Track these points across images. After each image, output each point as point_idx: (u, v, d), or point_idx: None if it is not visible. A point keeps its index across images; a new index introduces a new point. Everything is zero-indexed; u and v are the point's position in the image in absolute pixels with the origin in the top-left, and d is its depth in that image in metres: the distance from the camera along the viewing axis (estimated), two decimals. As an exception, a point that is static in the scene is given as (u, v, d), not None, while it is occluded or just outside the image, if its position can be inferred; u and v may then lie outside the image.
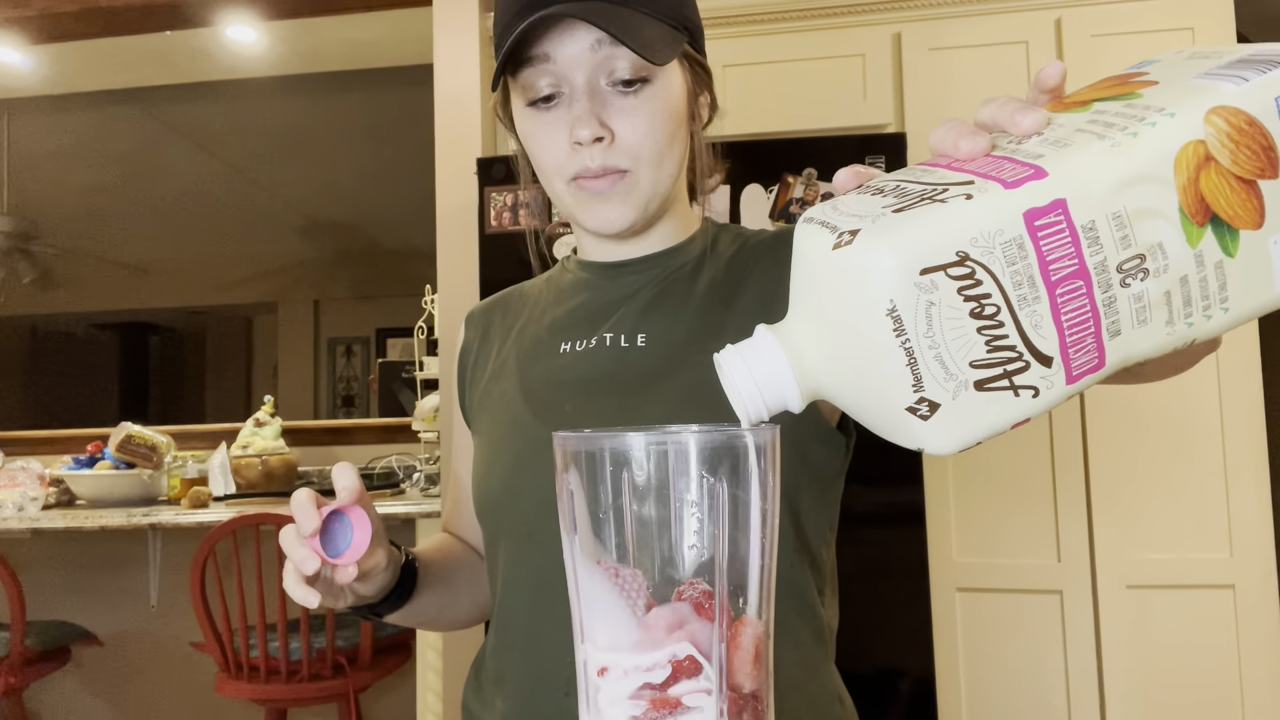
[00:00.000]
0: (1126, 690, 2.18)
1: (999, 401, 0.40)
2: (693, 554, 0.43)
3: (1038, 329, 0.39)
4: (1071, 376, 0.40)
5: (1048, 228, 0.38)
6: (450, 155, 2.60)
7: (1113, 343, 0.40)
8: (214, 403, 6.88)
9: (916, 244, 0.38)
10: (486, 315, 0.93)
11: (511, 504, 0.79)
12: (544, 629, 0.75)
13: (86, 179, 5.28)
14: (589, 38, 0.73)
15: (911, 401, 0.39)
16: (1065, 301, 0.39)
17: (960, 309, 0.38)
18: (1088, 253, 0.38)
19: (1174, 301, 0.40)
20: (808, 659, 0.77)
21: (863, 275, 0.39)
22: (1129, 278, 0.39)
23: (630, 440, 0.42)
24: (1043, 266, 0.38)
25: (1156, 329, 0.40)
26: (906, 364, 0.39)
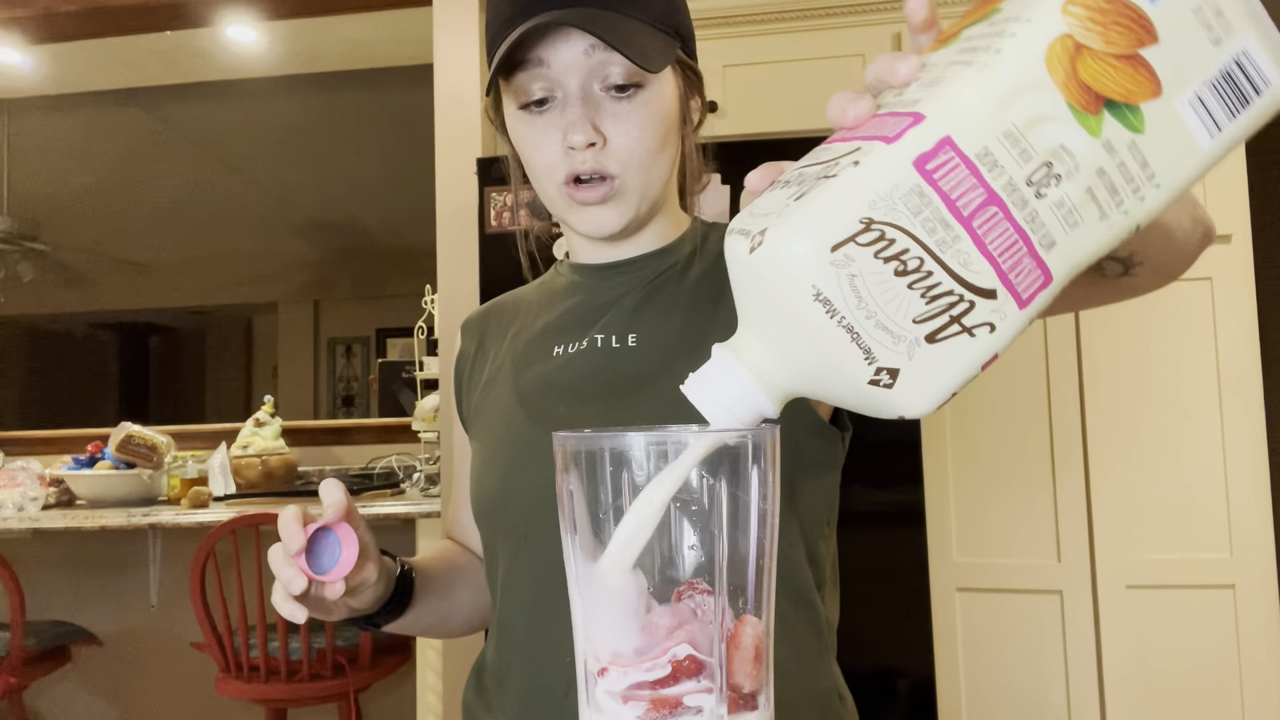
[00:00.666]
0: (1126, 690, 2.18)
1: (957, 347, 0.39)
2: (693, 554, 0.43)
3: (968, 266, 0.38)
4: (1023, 300, 0.39)
5: (941, 167, 0.38)
6: (450, 155, 2.60)
7: (1051, 254, 0.39)
8: (214, 403, 6.88)
9: (818, 224, 0.38)
10: (482, 322, 0.94)
11: (508, 507, 0.79)
12: (544, 630, 0.75)
13: (86, 179, 5.28)
14: (583, 43, 0.74)
15: (870, 375, 0.39)
16: (986, 231, 0.38)
17: (883, 272, 0.38)
18: (990, 178, 0.38)
19: (1099, 195, 0.39)
20: (806, 653, 0.77)
21: (780, 270, 0.39)
22: (1042, 188, 0.38)
23: (630, 440, 0.42)
24: (950, 205, 0.38)
25: (1092, 227, 0.39)
26: (851, 341, 0.39)
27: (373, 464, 2.94)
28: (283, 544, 0.65)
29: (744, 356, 0.43)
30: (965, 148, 0.38)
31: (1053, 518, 2.25)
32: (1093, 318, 2.25)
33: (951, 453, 2.31)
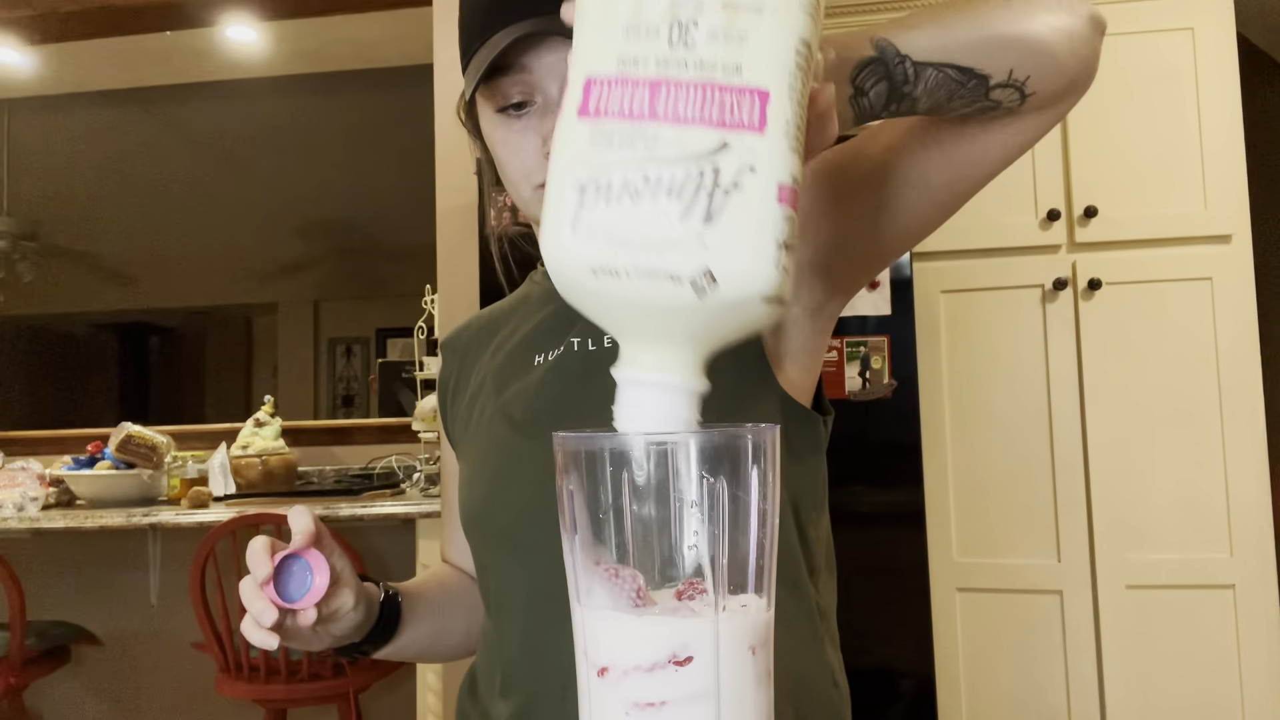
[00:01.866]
0: (1126, 690, 2.18)
1: (736, 206, 0.38)
2: (693, 554, 0.43)
3: (682, 144, 0.38)
4: (756, 125, 0.38)
5: (599, 102, 0.39)
6: (450, 155, 2.60)
7: (745, 74, 0.39)
8: (214, 403, 6.88)
9: (551, 220, 0.40)
10: (462, 340, 0.94)
11: (494, 516, 0.79)
12: (538, 635, 0.75)
13: (86, 179, 5.28)
14: (565, 47, 0.73)
15: (693, 292, 0.38)
16: (672, 108, 0.38)
17: (623, 209, 0.38)
18: (640, 71, 0.39)
19: (740, 1, 0.39)
20: (799, 638, 0.77)
21: (561, 275, 0.41)
22: (687, 38, 0.39)
23: (630, 440, 0.42)
24: (629, 116, 0.39)
25: (762, 26, 0.39)
26: (653, 279, 0.38)
27: (373, 464, 2.94)
28: (250, 574, 0.65)
29: (635, 363, 0.43)
30: (604, 72, 0.39)
31: (1053, 518, 2.25)
32: (1093, 318, 2.25)
33: (951, 453, 2.31)
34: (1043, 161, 2.29)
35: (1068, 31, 0.59)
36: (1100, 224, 2.25)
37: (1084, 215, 2.25)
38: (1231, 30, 2.25)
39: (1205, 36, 2.25)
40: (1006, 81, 0.58)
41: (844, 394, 2.13)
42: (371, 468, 2.93)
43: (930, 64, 0.55)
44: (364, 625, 0.75)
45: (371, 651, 0.79)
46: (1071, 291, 2.27)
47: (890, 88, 0.54)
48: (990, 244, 2.31)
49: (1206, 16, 2.25)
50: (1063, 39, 0.59)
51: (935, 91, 0.56)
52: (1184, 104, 2.24)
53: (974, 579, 2.28)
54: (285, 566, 0.66)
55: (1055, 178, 2.28)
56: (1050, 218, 2.27)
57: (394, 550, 2.84)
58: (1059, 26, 0.59)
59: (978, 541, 2.29)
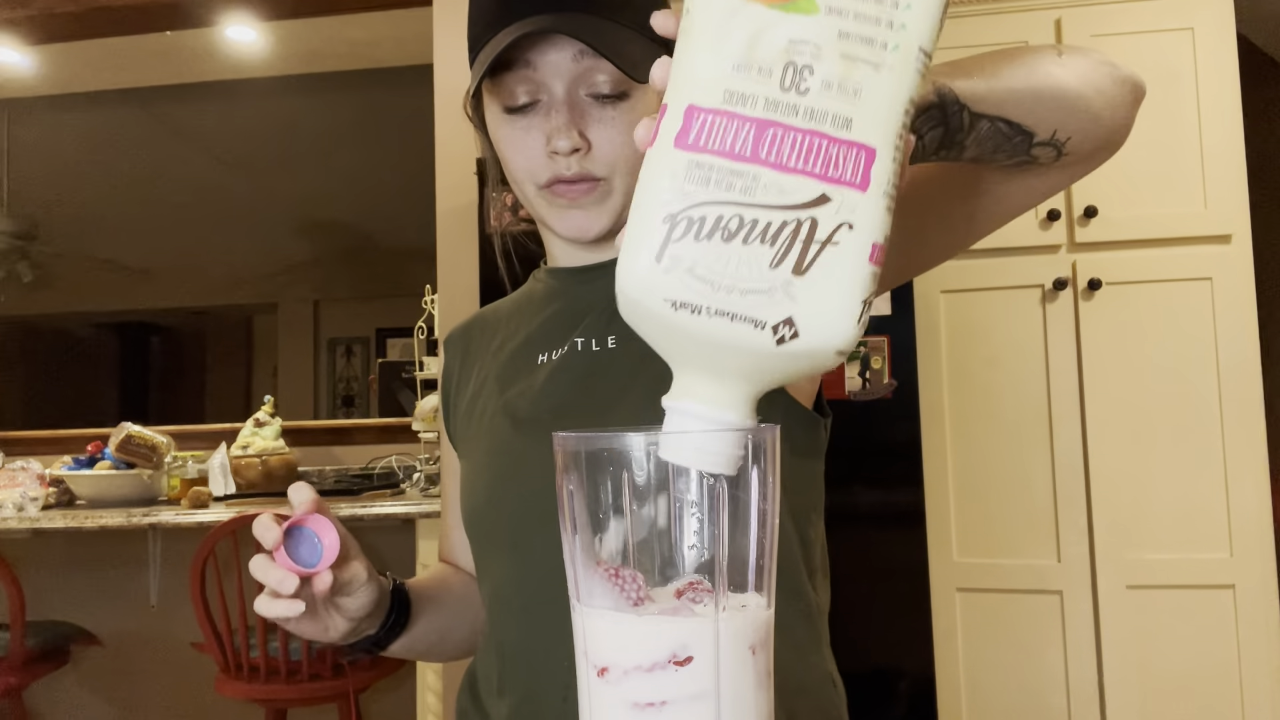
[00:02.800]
0: (1126, 690, 2.18)
1: (830, 261, 0.38)
2: (693, 554, 0.43)
3: (783, 192, 0.38)
4: (859, 183, 0.38)
5: (699, 133, 0.38)
6: (450, 155, 2.60)
7: (855, 130, 0.38)
8: (214, 403, 6.88)
9: (636, 249, 0.39)
10: (465, 337, 0.93)
11: (496, 516, 0.79)
12: (538, 637, 0.75)
13: (86, 179, 5.28)
14: (572, 48, 0.74)
15: (772, 338, 0.39)
16: (776, 154, 0.38)
17: (713, 247, 0.38)
18: (747, 110, 0.38)
19: (858, 53, 0.39)
20: (797, 641, 0.77)
21: (636, 305, 0.40)
22: (800, 85, 0.38)
23: (630, 440, 0.42)
24: (730, 155, 0.38)
25: (876, 82, 0.39)
26: (732, 322, 0.38)
27: (373, 464, 2.94)
28: (261, 543, 0.65)
29: (688, 395, 0.42)
30: (709, 104, 0.39)
31: (1053, 518, 2.25)
32: (1093, 319, 2.25)
33: (951, 453, 2.31)
34: (1043, 161, 2.29)
35: (1111, 96, 0.60)
36: (1100, 224, 2.25)
37: (1084, 215, 2.25)
38: (1231, 30, 2.25)
39: (1205, 36, 2.25)
40: (1049, 140, 0.58)
41: (844, 394, 2.13)
42: (371, 468, 2.93)
43: (985, 115, 0.54)
44: (376, 614, 0.75)
45: (387, 643, 0.78)
46: (1071, 291, 2.27)
47: (945, 134, 0.53)
48: (990, 244, 2.30)
49: (1206, 16, 2.25)
50: (1106, 103, 0.59)
51: (984, 142, 0.56)
52: (1184, 104, 2.24)
53: (974, 579, 2.28)
54: (292, 536, 0.66)
55: (1055, 178, 2.28)
56: (1050, 218, 2.27)
57: (394, 550, 2.84)
58: (1104, 90, 0.59)
59: (978, 541, 2.29)
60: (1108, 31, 2.28)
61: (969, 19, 2.34)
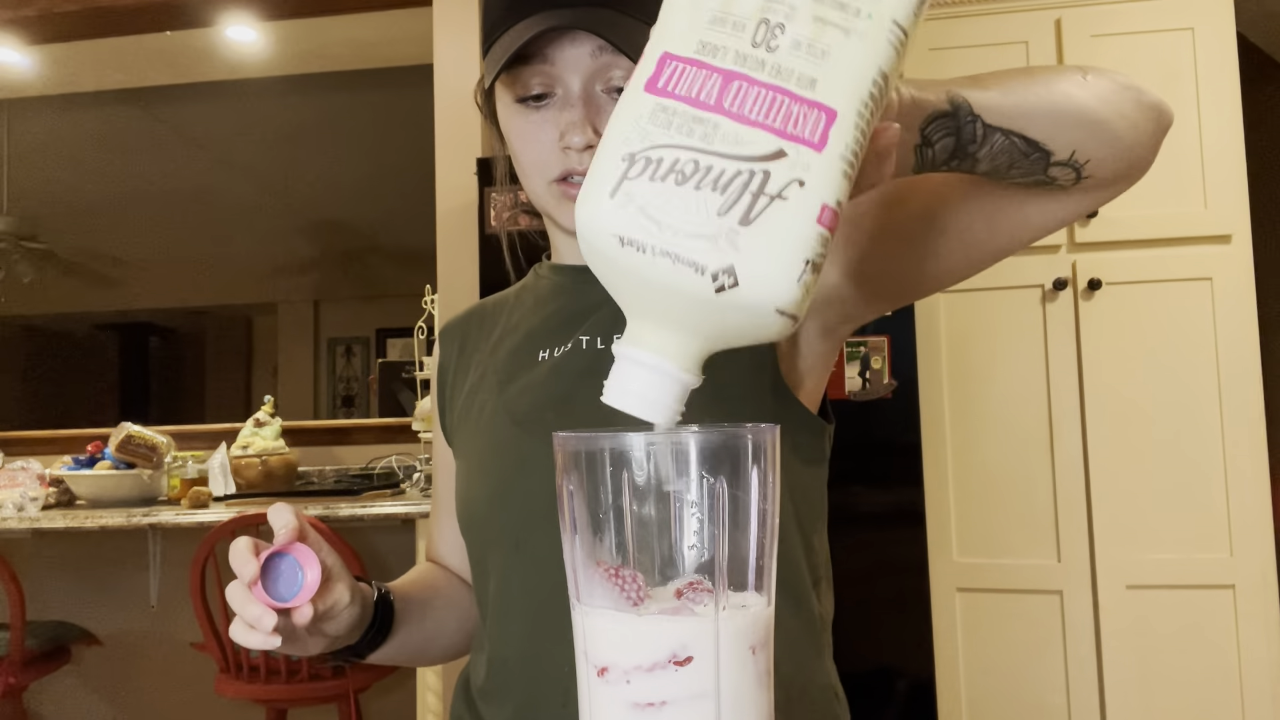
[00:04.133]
0: (1126, 690, 2.18)
1: (778, 216, 0.38)
2: (693, 554, 0.43)
3: (739, 142, 0.38)
4: (816, 143, 0.38)
5: (670, 79, 0.40)
6: (450, 155, 2.60)
7: (819, 90, 0.39)
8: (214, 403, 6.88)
9: (592, 183, 0.40)
10: (462, 329, 0.91)
11: (497, 515, 0.78)
12: (538, 640, 0.74)
13: (86, 179, 5.29)
14: (590, 44, 0.73)
15: (711, 285, 0.38)
16: (739, 105, 0.38)
17: (666, 189, 0.38)
18: (717, 61, 0.39)
19: (830, 17, 0.39)
20: (801, 651, 0.76)
21: (587, 240, 0.40)
22: (771, 42, 0.39)
23: (630, 440, 0.42)
24: (694, 104, 0.39)
25: (846, 47, 0.39)
26: (674, 263, 0.38)
27: (373, 464, 2.94)
28: (236, 577, 0.62)
29: (639, 342, 0.42)
30: (682, 52, 0.40)
31: (1053, 518, 2.25)
32: (1093, 318, 2.25)
33: (951, 453, 2.31)
34: (1043, 161, 2.29)
35: (1134, 121, 0.59)
36: (1100, 224, 2.25)
37: (1084, 215, 2.25)
38: (1231, 30, 2.25)
39: (1205, 36, 2.25)
40: (1067, 161, 0.57)
41: (844, 394, 2.13)
42: (371, 468, 2.93)
43: (1000, 129, 0.54)
44: (359, 626, 0.72)
45: (367, 654, 0.76)
46: (1071, 291, 2.27)
47: (957, 145, 0.53)
48: (990, 244, 2.31)
49: (1206, 16, 2.25)
50: (1129, 127, 0.58)
51: (998, 156, 0.55)
52: (1184, 104, 2.24)
53: (974, 579, 2.28)
54: (272, 565, 0.63)
55: (1055, 178, 2.28)
56: (1050, 218, 2.27)
57: (394, 550, 2.84)
58: (1128, 114, 0.58)
59: (978, 541, 2.29)
60: (1108, 31, 2.28)
61: (969, 19, 2.34)
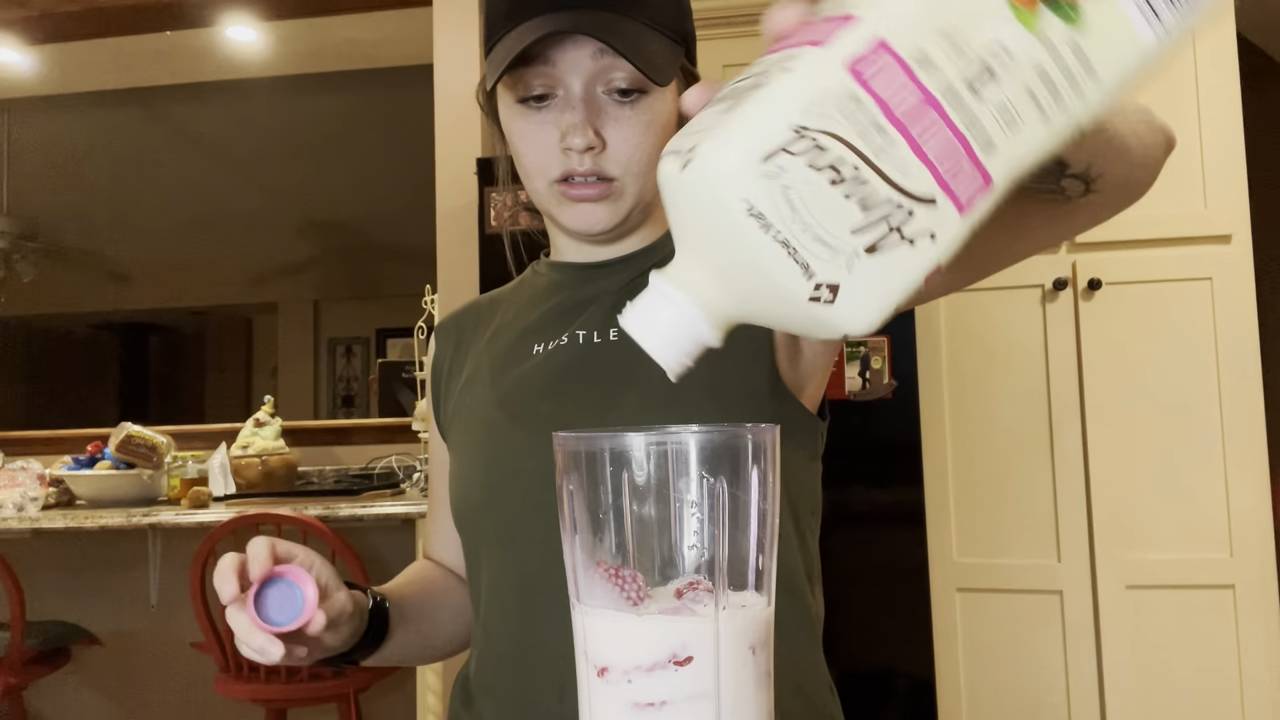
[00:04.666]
0: (1126, 690, 2.18)
1: (898, 258, 0.37)
2: (693, 554, 0.43)
3: (905, 173, 0.37)
4: (963, 206, 0.38)
5: (875, 70, 0.37)
6: (450, 155, 2.60)
7: (991, 158, 0.38)
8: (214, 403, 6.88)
9: (748, 135, 0.36)
10: (457, 325, 0.92)
11: (490, 510, 0.78)
12: (532, 634, 0.74)
13: (86, 179, 5.29)
14: (591, 45, 0.73)
15: (810, 291, 0.37)
16: (923, 136, 0.37)
17: (818, 181, 0.36)
18: (927, 80, 0.37)
19: (1039, 94, 0.38)
20: (799, 646, 0.77)
21: (711, 185, 0.37)
22: (980, 89, 0.37)
23: (630, 440, 0.42)
24: (885, 110, 0.37)
25: (1033, 128, 0.38)
26: (787, 256, 0.37)
27: (373, 464, 2.94)
28: (231, 598, 0.63)
29: (682, 282, 0.41)
30: (900, 49, 0.37)
31: (1053, 518, 2.25)
32: (1093, 318, 2.25)
33: (951, 453, 2.31)
34: (1043, 161, 2.29)
35: (1147, 144, 0.59)
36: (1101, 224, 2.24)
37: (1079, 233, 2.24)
38: (1231, 30, 2.25)
39: (1205, 36, 2.25)
40: (1081, 173, 0.57)
41: (844, 394, 2.13)
42: (371, 468, 2.93)
43: None
44: (353, 635, 0.73)
45: (360, 661, 0.76)
46: (1071, 291, 2.27)
47: None
48: (990, 244, 2.31)
49: (1206, 16, 2.25)
50: (1141, 148, 0.59)
51: None
52: (1184, 104, 2.24)
53: (974, 579, 2.28)
54: (265, 591, 0.63)
55: (1055, 178, 2.28)
56: (1050, 218, 2.27)
57: (394, 550, 2.84)
58: (1142, 136, 0.59)
59: (978, 541, 2.29)
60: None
61: (969, 19, 2.34)
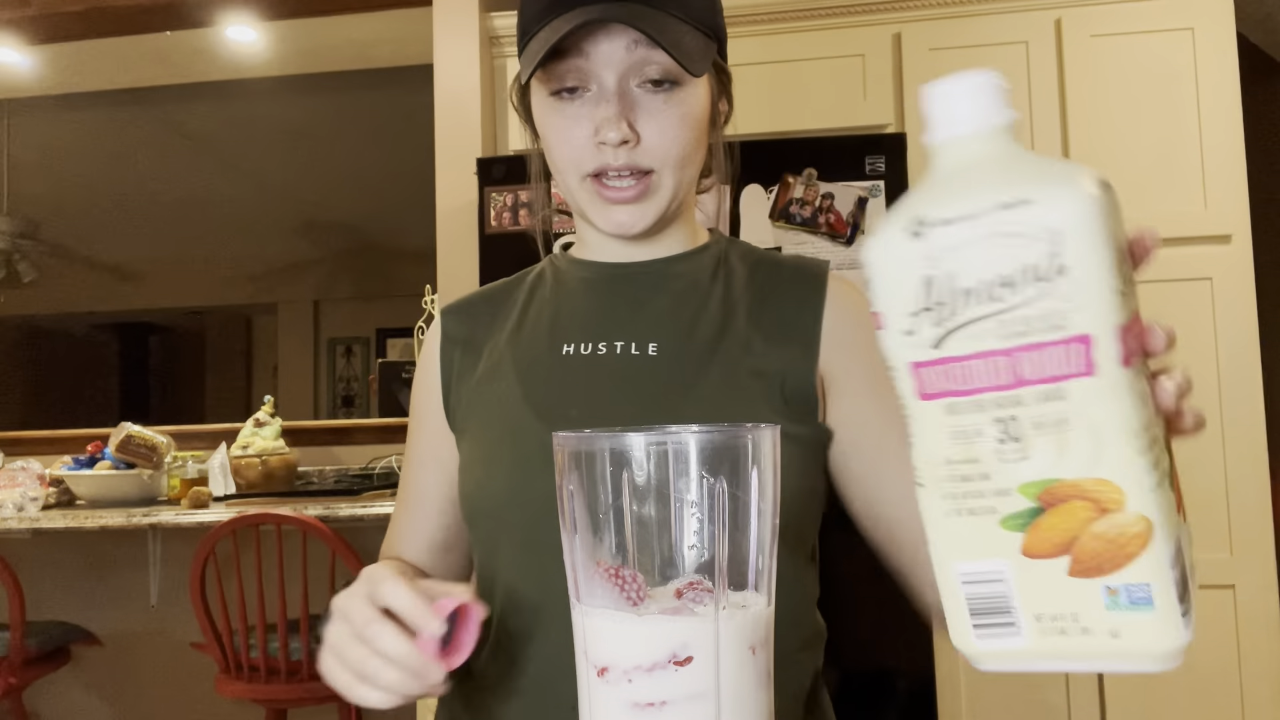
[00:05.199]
0: (1126, 690, 2.18)
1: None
2: (693, 554, 0.43)
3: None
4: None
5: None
6: (450, 155, 2.60)
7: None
8: (214, 403, 6.89)
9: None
10: (470, 312, 0.88)
11: (514, 509, 0.75)
12: (552, 636, 0.72)
13: (86, 179, 5.29)
14: (625, 38, 0.72)
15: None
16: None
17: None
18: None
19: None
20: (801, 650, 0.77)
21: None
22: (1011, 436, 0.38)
23: (630, 440, 0.42)
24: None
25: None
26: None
27: (373, 464, 2.94)
28: (407, 630, 0.56)
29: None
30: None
31: (1053, 518, 2.25)
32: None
33: (951, 453, 2.31)
34: (1043, 161, 2.29)
35: None
36: (1100, 224, 2.25)
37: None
38: (1231, 30, 2.25)
39: (1205, 36, 2.25)
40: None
41: (844, 394, 2.13)
42: (371, 468, 2.93)
43: None
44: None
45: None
46: (1071, 291, 2.27)
47: None
48: (990, 244, 2.31)
49: (1206, 16, 2.25)
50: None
51: None
52: (1184, 104, 2.24)
53: (974, 579, 2.28)
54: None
55: (1055, 178, 2.28)
56: (1050, 218, 2.27)
57: (394, 550, 2.84)
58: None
59: (978, 541, 2.29)
60: (1108, 31, 2.28)
61: (969, 19, 2.34)
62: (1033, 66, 2.31)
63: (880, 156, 2.09)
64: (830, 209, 2.09)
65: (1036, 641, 0.38)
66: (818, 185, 2.10)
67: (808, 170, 2.11)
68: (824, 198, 2.10)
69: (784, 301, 0.80)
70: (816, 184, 2.10)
